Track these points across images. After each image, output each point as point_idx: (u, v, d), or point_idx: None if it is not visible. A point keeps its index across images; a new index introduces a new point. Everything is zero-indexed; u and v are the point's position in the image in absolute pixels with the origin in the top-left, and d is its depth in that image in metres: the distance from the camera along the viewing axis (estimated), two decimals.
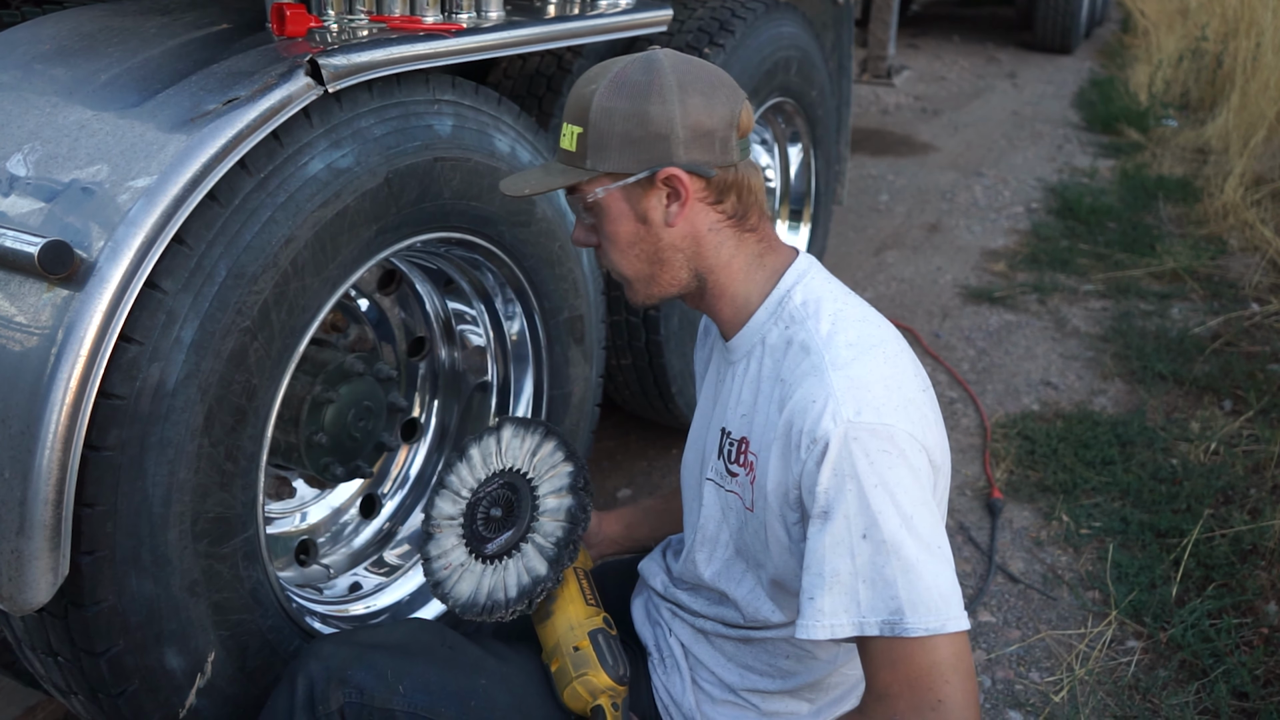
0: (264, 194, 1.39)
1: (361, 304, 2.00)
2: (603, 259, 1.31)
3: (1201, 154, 6.14)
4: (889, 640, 1.09)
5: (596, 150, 1.22)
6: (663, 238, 1.25)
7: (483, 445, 1.54)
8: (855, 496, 1.11)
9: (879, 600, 1.09)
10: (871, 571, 1.10)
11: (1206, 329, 3.83)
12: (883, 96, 7.75)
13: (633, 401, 2.74)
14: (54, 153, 1.33)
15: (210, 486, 1.37)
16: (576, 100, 1.24)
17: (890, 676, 1.09)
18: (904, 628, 1.08)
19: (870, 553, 1.10)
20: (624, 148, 1.21)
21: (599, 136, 1.22)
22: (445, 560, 1.47)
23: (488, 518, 1.49)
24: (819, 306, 1.25)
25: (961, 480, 2.93)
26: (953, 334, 3.88)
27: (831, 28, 3.61)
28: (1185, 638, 2.26)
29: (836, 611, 1.11)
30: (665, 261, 1.27)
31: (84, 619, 1.29)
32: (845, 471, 1.12)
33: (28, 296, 1.22)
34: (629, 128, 1.21)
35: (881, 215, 5.22)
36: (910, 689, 1.08)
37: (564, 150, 1.26)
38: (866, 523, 1.11)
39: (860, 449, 1.12)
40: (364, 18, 1.65)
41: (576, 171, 1.24)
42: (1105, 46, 10.38)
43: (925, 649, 1.08)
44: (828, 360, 1.18)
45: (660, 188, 1.23)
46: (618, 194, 1.24)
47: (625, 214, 1.25)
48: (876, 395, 1.15)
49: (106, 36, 1.55)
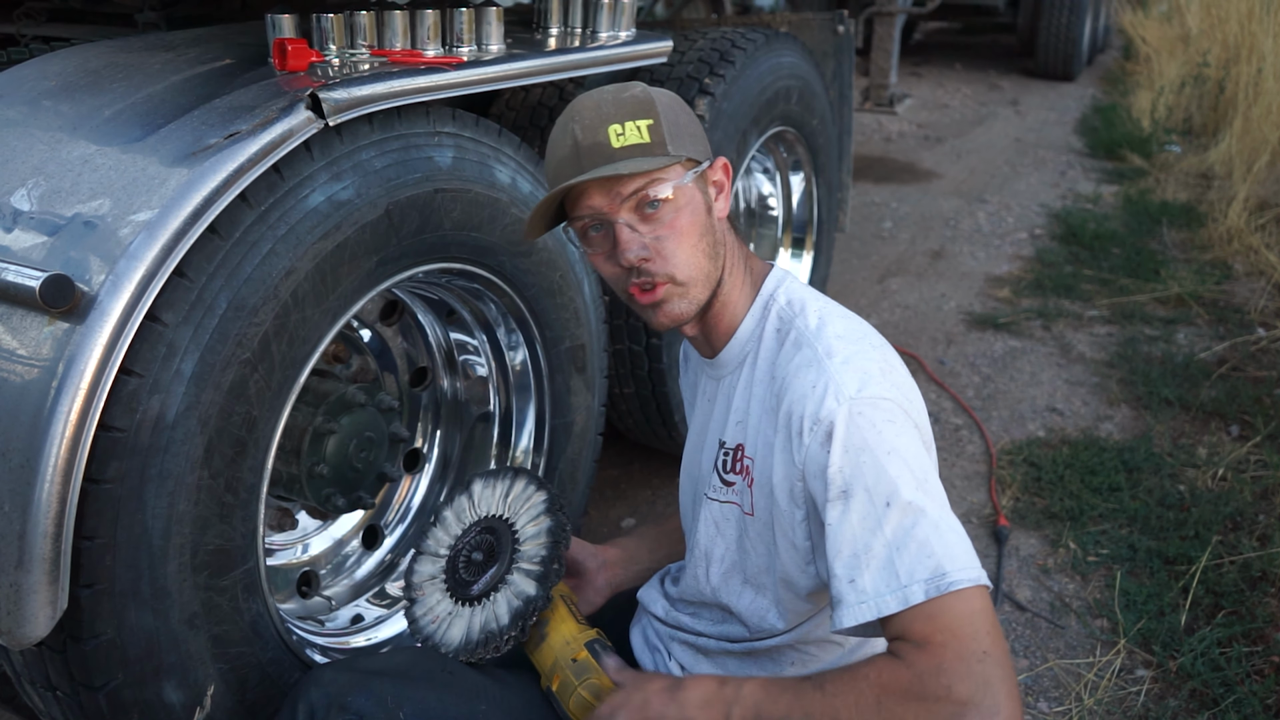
0: (264, 226, 1.40)
1: (363, 334, 2.01)
2: (659, 266, 1.24)
3: (1205, 179, 6.15)
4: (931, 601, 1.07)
5: (675, 137, 1.24)
6: (717, 230, 1.29)
7: (455, 505, 1.54)
8: (872, 467, 1.11)
9: (918, 564, 1.07)
10: (904, 537, 1.09)
11: (1212, 354, 3.81)
12: (885, 124, 7.79)
13: (636, 430, 2.74)
14: (57, 187, 1.34)
15: (210, 518, 1.37)
16: (625, 103, 1.23)
17: (929, 627, 1.06)
18: (949, 583, 1.06)
19: (899, 518, 1.09)
20: (694, 136, 1.27)
21: (673, 125, 1.24)
22: (432, 615, 1.46)
23: (469, 562, 1.48)
24: (804, 305, 1.29)
25: (967, 508, 2.91)
26: (957, 361, 3.87)
27: (832, 56, 3.63)
28: (1195, 666, 2.23)
29: (880, 589, 1.08)
30: (717, 256, 1.29)
31: (83, 653, 1.29)
32: (857, 445, 1.12)
33: (29, 330, 1.23)
34: (687, 120, 1.27)
35: (885, 242, 5.23)
36: (955, 638, 1.04)
37: (629, 145, 1.21)
38: (888, 490, 1.10)
39: (867, 421, 1.13)
40: (365, 51, 1.67)
41: (663, 158, 1.22)
42: (1107, 73, 10.44)
43: (965, 599, 1.06)
44: (821, 350, 1.21)
45: (711, 180, 1.29)
46: (694, 182, 1.26)
47: (700, 203, 1.26)
48: (873, 374, 1.18)
49: (111, 72, 1.57)
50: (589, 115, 1.23)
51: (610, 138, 1.21)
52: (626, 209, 1.23)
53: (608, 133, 1.22)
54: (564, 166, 1.24)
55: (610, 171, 1.19)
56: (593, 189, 1.23)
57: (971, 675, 1.02)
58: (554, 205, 1.28)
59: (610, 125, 1.22)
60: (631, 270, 1.24)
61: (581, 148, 1.22)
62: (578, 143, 1.22)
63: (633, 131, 1.22)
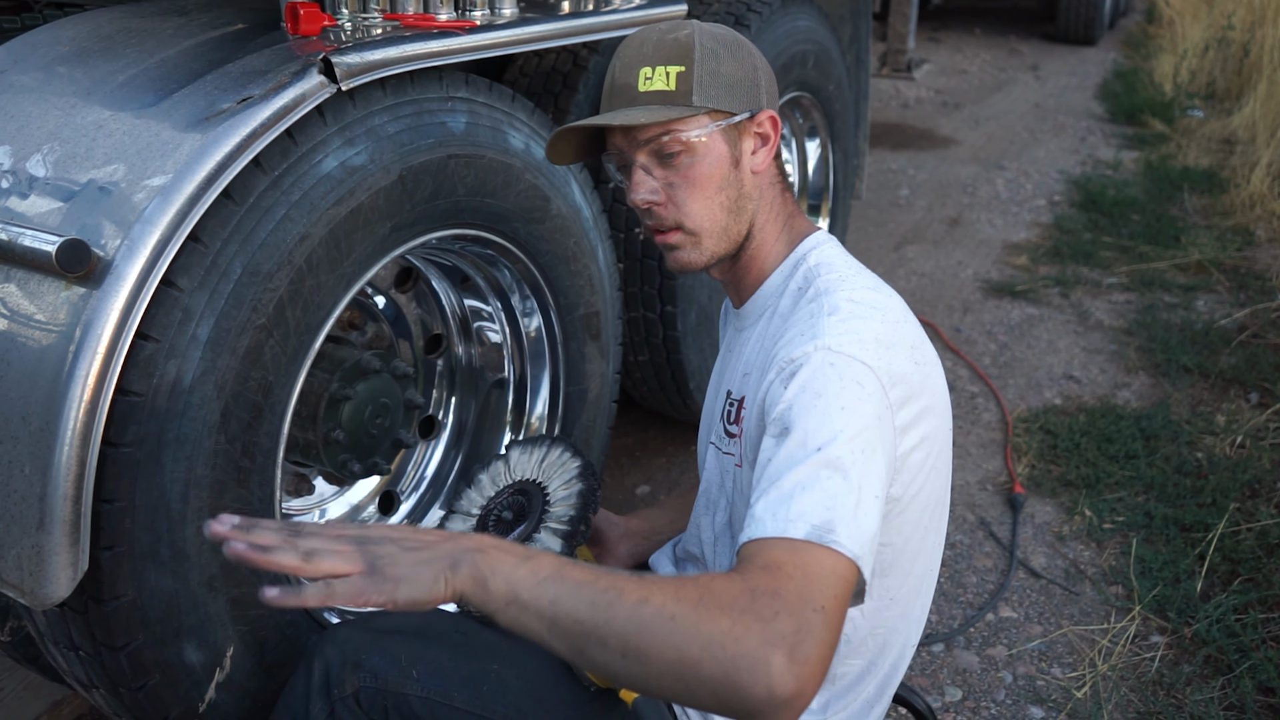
0: (278, 192, 1.40)
1: (378, 301, 2.01)
2: (670, 213, 1.26)
3: (1228, 144, 6.07)
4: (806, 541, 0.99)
5: (704, 88, 1.22)
6: (745, 184, 1.28)
7: (491, 470, 1.56)
8: (819, 414, 1.07)
9: (814, 509, 1.01)
10: (814, 483, 1.02)
11: (1232, 321, 3.78)
12: (903, 90, 7.71)
13: (650, 398, 2.74)
14: (72, 153, 1.35)
15: (227, 482, 1.38)
16: (665, 45, 1.23)
17: (787, 558, 0.98)
18: (833, 539, 0.98)
19: (819, 467, 1.04)
20: (730, 87, 1.24)
21: (705, 74, 1.22)
22: None
23: (499, 520, 1.50)
24: (832, 267, 1.26)
25: (983, 475, 2.91)
26: (974, 328, 3.85)
27: (849, 21, 3.59)
28: (1210, 633, 2.23)
29: (766, 514, 1.02)
30: (740, 211, 1.28)
31: (104, 613, 1.31)
32: (814, 390, 1.09)
33: (46, 295, 1.24)
34: (730, 69, 1.24)
35: (902, 209, 5.19)
36: (806, 580, 0.96)
37: (655, 91, 1.22)
38: (824, 439, 1.05)
39: (835, 373, 1.09)
40: (378, 16, 1.66)
41: (682, 108, 1.22)
42: (1129, 37, 10.28)
43: (836, 560, 0.98)
44: (826, 308, 1.18)
45: (751, 132, 1.27)
46: (719, 134, 1.25)
47: (723, 156, 1.25)
48: (865, 339, 1.13)
49: (125, 38, 1.57)
50: (629, 54, 1.25)
51: (639, 80, 1.23)
52: (644, 152, 1.25)
53: (638, 74, 1.23)
54: (601, 101, 1.28)
55: (622, 119, 1.21)
56: (615, 128, 1.26)
57: (802, 618, 0.92)
58: (585, 136, 1.31)
59: (642, 67, 1.23)
60: (645, 212, 1.27)
61: (615, 86, 1.25)
62: (614, 80, 1.25)
63: (660, 77, 1.22)
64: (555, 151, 1.32)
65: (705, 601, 0.93)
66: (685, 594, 0.94)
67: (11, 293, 1.26)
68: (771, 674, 0.89)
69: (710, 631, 0.91)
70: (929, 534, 1.29)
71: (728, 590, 0.94)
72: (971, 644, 2.28)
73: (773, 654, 0.90)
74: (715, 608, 0.92)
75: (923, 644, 2.26)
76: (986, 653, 2.25)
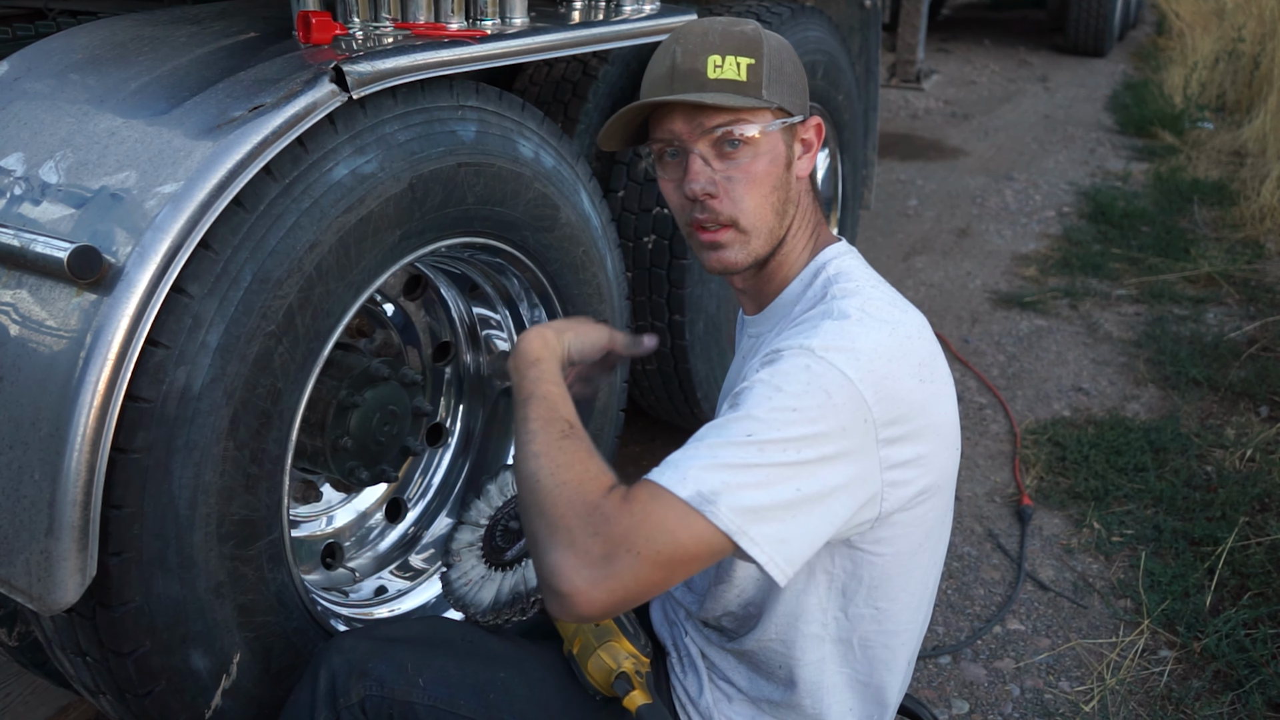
0: (289, 199, 1.40)
1: (387, 309, 2.01)
2: (723, 206, 1.23)
3: (1238, 157, 6.05)
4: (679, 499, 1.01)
5: (774, 83, 1.22)
6: (791, 187, 1.28)
7: (499, 480, 1.57)
8: (769, 406, 1.06)
9: (709, 478, 1.02)
10: (725, 456, 1.03)
11: (1242, 334, 3.76)
12: (912, 101, 7.71)
13: (658, 406, 2.74)
14: (84, 160, 1.35)
15: (236, 489, 1.39)
16: (734, 36, 1.22)
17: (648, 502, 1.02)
18: (710, 509, 1.00)
19: (740, 447, 1.04)
20: (794, 88, 1.25)
21: (774, 72, 1.22)
22: (465, 578, 1.49)
23: (506, 530, 1.50)
24: (849, 278, 1.25)
25: (991, 487, 2.90)
26: (982, 339, 3.85)
27: (859, 31, 3.59)
28: (1220, 647, 2.22)
29: (668, 465, 1.05)
30: (784, 214, 1.27)
31: (111, 619, 1.31)
32: (775, 382, 1.08)
33: (57, 301, 1.24)
34: (792, 70, 1.25)
35: (910, 220, 5.19)
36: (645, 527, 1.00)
37: (725, 80, 1.20)
38: (759, 428, 1.05)
39: (806, 375, 1.08)
40: (389, 25, 1.66)
41: (753, 99, 1.21)
42: (1139, 49, 10.27)
43: (693, 525, 1.01)
44: (835, 313, 1.17)
45: (799, 136, 1.27)
46: (780, 133, 1.24)
47: (780, 155, 1.25)
48: (858, 351, 1.10)
49: (137, 45, 1.58)
50: (693, 40, 1.22)
51: (708, 66, 1.20)
52: (705, 141, 1.22)
53: (706, 61, 1.20)
54: (656, 84, 1.24)
55: (696, 98, 1.18)
56: (677, 113, 1.22)
57: (611, 552, 1.00)
58: (638, 120, 1.28)
59: (711, 55, 1.21)
60: (695, 204, 1.23)
61: (678, 69, 1.21)
62: (675, 64, 1.22)
63: (731, 66, 1.20)
64: (609, 135, 1.30)
65: (566, 488, 1.06)
66: (563, 475, 1.07)
67: (23, 299, 1.27)
68: (561, 571, 1.01)
69: (549, 511, 1.05)
70: (924, 552, 1.26)
71: (588, 495, 1.05)
72: (979, 657, 2.27)
73: (570, 557, 1.01)
74: (565, 498, 1.05)
75: (930, 656, 2.25)
76: (994, 665, 2.24)
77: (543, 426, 1.14)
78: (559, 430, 1.14)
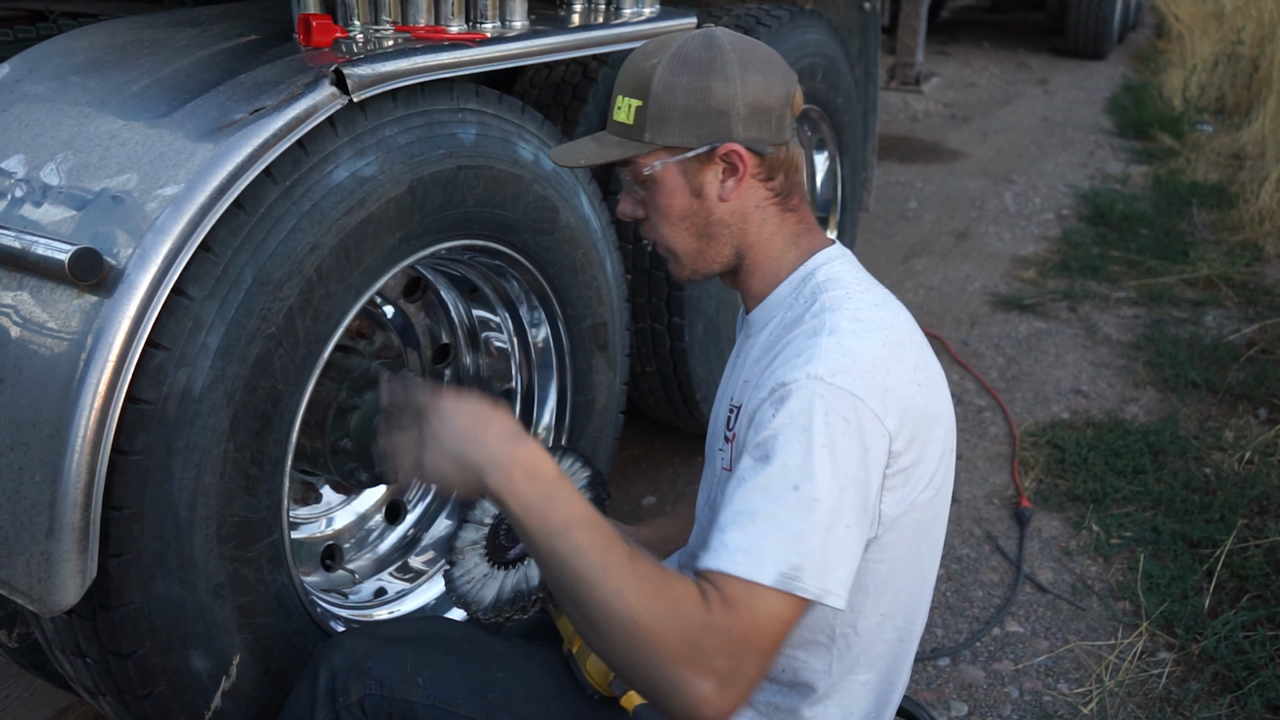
0: (289, 202, 1.40)
1: (387, 311, 2.02)
2: (649, 231, 1.33)
3: (1237, 159, 6.06)
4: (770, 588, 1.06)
5: (656, 124, 1.24)
6: (714, 213, 1.28)
7: None
8: (801, 449, 1.09)
9: (784, 552, 1.06)
10: (789, 522, 1.07)
11: (1241, 336, 3.77)
12: (911, 103, 7.71)
13: (657, 408, 2.74)
14: (85, 162, 1.36)
15: (236, 491, 1.39)
16: (634, 74, 1.25)
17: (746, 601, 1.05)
18: (799, 585, 1.06)
19: (796, 506, 1.08)
20: (685, 122, 1.24)
21: (660, 110, 1.23)
22: (468, 576, 1.49)
23: (509, 529, 1.50)
24: (839, 284, 1.27)
25: (989, 489, 2.90)
26: (981, 342, 3.85)
27: (858, 34, 3.60)
28: (1218, 650, 2.22)
29: (737, 550, 1.07)
30: (713, 236, 1.30)
31: (111, 621, 1.31)
32: (800, 424, 1.11)
33: (58, 303, 1.25)
34: (691, 102, 1.23)
35: (910, 222, 5.19)
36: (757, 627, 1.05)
37: (618, 123, 1.27)
38: (803, 477, 1.09)
39: (822, 407, 1.11)
40: (389, 28, 1.67)
41: (634, 145, 1.25)
42: (1138, 51, 10.28)
43: (789, 605, 1.06)
44: (827, 327, 1.18)
45: (718, 163, 1.26)
46: (674, 168, 1.26)
47: (680, 188, 1.27)
48: (860, 368, 1.14)
49: (138, 48, 1.58)
50: (621, 75, 1.29)
51: (614, 107, 1.28)
52: (625, 173, 1.31)
53: (616, 101, 1.28)
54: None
55: (574, 159, 1.30)
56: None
57: (739, 662, 1.04)
58: None
59: (619, 95, 1.28)
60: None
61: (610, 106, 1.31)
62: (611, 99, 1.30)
63: (624, 109, 1.26)
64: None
65: (667, 617, 1.03)
66: (655, 604, 1.04)
67: (24, 300, 1.27)
68: (696, 698, 1.02)
69: (659, 646, 1.03)
70: (924, 553, 1.29)
71: (690, 614, 1.04)
72: (978, 659, 2.27)
73: (702, 682, 1.02)
74: (673, 627, 1.03)
75: (929, 658, 2.25)
76: (993, 668, 2.25)
77: (607, 558, 1.06)
78: (622, 553, 1.07)
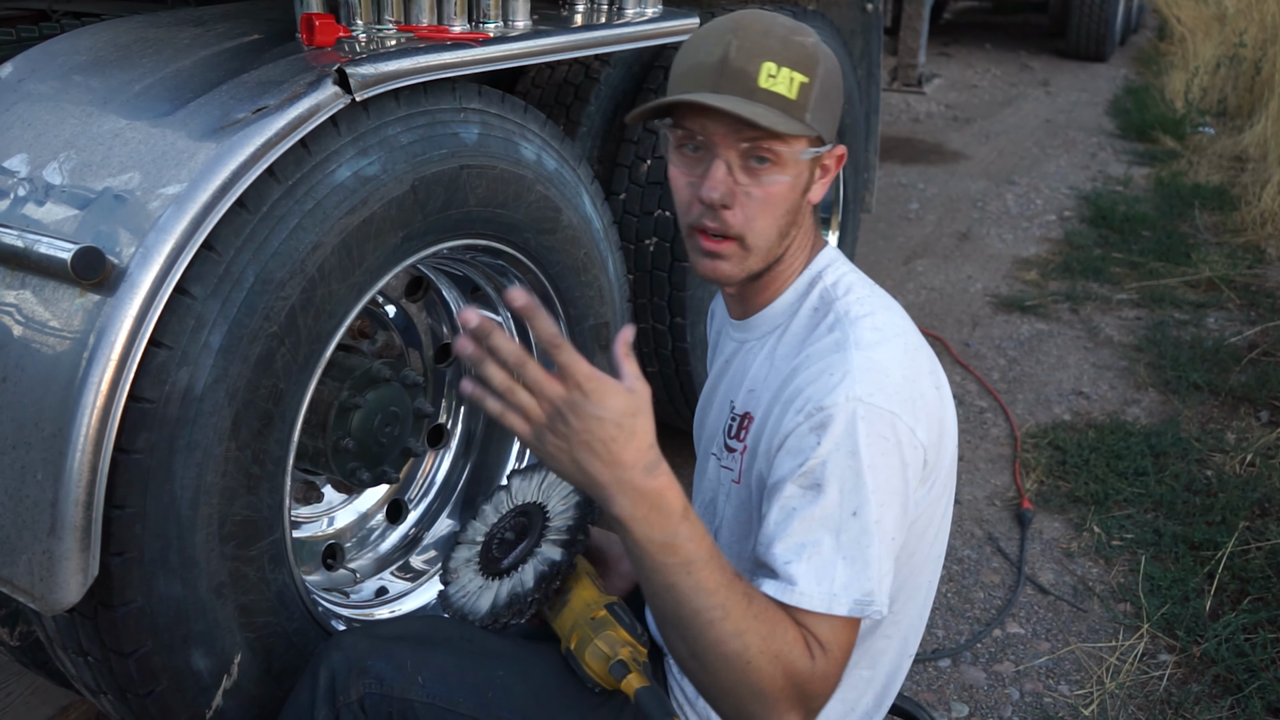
0: (292, 201, 1.40)
1: (389, 310, 2.02)
2: (736, 220, 1.19)
3: (1239, 161, 6.05)
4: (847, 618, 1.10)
5: (819, 108, 1.16)
6: (801, 210, 1.24)
7: (494, 499, 1.58)
8: (853, 474, 1.10)
9: (855, 581, 1.09)
10: (855, 550, 1.10)
11: (1243, 338, 3.77)
12: (913, 104, 7.71)
13: (659, 408, 2.72)
14: (88, 161, 1.36)
15: (237, 490, 1.39)
16: (792, 45, 1.15)
17: (834, 638, 1.11)
18: (873, 609, 1.10)
19: (857, 532, 1.10)
20: (833, 115, 1.20)
21: (823, 94, 1.17)
22: (463, 591, 1.49)
23: (502, 541, 1.51)
24: (850, 289, 1.26)
25: (991, 490, 2.90)
26: (983, 343, 3.85)
27: (860, 35, 3.60)
28: (1219, 652, 2.22)
29: (812, 586, 1.09)
30: (786, 235, 1.24)
31: (113, 619, 1.31)
32: (847, 448, 1.11)
33: (61, 301, 1.25)
34: (838, 96, 1.20)
35: (911, 224, 5.19)
36: (843, 659, 1.11)
37: (775, 94, 1.13)
38: (859, 501, 1.10)
39: (866, 428, 1.11)
40: (392, 27, 1.67)
41: (797, 123, 1.14)
42: (1140, 54, 10.28)
43: (857, 627, 1.13)
44: (852, 339, 1.17)
45: (822, 162, 1.23)
46: (811, 160, 1.20)
47: (802, 181, 1.20)
48: (893, 382, 1.15)
49: (141, 47, 1.58)
50: (751, 38, 1.14)
51: (761, 73, 1.13)
52: (736, 150, 1.16)
53: (761, 66, 1.13)
54: (701, 73, 1.15)
55: (748, 114, 1.11)
56: (713, 112, 1.14)
57: (828, 692, 1.11)
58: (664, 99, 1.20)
59: (767, 60, 1.13)
60: (706, 208, 1.18)
61: (728, 66, 1.14)
62: (727, 58, 1.14)
63: (784, 80, 1.13)
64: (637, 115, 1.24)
65: (779, 661, 1.06)
66: (769, 648, 1.06)
67: (26, 299, 1.27)
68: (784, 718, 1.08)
69: (768, 689, 1.06)
70: (932, 554, 1.31)
71: (799, 661, 1.08)
72: (978, 660, 2.27)
73: (792, 715, 1.08)
74: (782, 672, 1.06)
75: (929, 659, 2.25)
76: (993, 669, 2.24)
77: (728, 598, 1.05)
78: (740, 592, 1.06)
